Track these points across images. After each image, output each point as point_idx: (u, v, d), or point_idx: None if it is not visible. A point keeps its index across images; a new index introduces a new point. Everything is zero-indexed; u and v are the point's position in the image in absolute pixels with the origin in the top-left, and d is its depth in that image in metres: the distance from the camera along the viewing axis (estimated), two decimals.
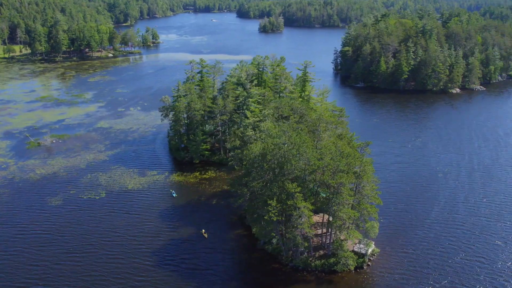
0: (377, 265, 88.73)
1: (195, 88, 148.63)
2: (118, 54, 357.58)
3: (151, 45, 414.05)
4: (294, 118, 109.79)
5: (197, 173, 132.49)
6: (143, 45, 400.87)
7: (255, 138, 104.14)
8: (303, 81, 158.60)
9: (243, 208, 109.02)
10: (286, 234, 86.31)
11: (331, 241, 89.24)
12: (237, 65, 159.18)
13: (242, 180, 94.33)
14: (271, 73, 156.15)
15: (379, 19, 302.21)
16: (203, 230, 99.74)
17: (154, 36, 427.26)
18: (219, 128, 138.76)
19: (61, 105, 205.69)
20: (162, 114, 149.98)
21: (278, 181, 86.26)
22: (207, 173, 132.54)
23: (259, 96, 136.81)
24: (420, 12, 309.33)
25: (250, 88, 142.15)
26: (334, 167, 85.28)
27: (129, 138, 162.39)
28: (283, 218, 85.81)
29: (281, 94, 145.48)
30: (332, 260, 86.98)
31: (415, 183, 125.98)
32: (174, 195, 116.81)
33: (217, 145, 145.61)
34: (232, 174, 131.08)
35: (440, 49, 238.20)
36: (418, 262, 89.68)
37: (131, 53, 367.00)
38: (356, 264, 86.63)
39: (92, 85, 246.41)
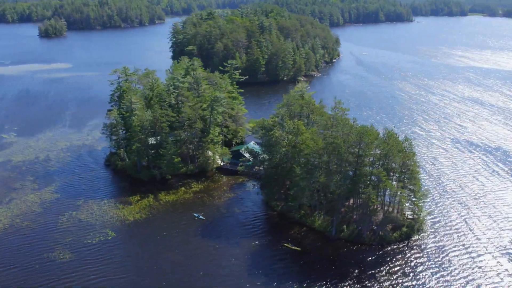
0: (432, 224, 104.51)
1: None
2: None
3: None
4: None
5: (183, 188, 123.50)
6: None
7: (283, 137, 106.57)
8: (232, 81, 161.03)
9: (281, 208, 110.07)
10: (386, 215, 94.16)
11: (397, 213, 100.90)
12: (146, 70, 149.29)
13: (310, 178, 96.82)
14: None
15: (205, 17, 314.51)
16: (288, 244, 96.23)
17: None
18: (186, 137, 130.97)
19: None
20: (110, 132, 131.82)
21: (362, 170, 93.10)
22: (192, 187, 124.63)
23: (223, 100, 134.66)
24: (239, 10, 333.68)
25: (203, 92, 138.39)
26: (396, 148, 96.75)
27: (51, 168, 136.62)
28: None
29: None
30: (405, 229, 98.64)
31: None
32: (201, 217, 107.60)
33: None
34: (219, 182, 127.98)
35: (284, 41, 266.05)
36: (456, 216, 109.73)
37: None
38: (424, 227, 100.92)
39: None
